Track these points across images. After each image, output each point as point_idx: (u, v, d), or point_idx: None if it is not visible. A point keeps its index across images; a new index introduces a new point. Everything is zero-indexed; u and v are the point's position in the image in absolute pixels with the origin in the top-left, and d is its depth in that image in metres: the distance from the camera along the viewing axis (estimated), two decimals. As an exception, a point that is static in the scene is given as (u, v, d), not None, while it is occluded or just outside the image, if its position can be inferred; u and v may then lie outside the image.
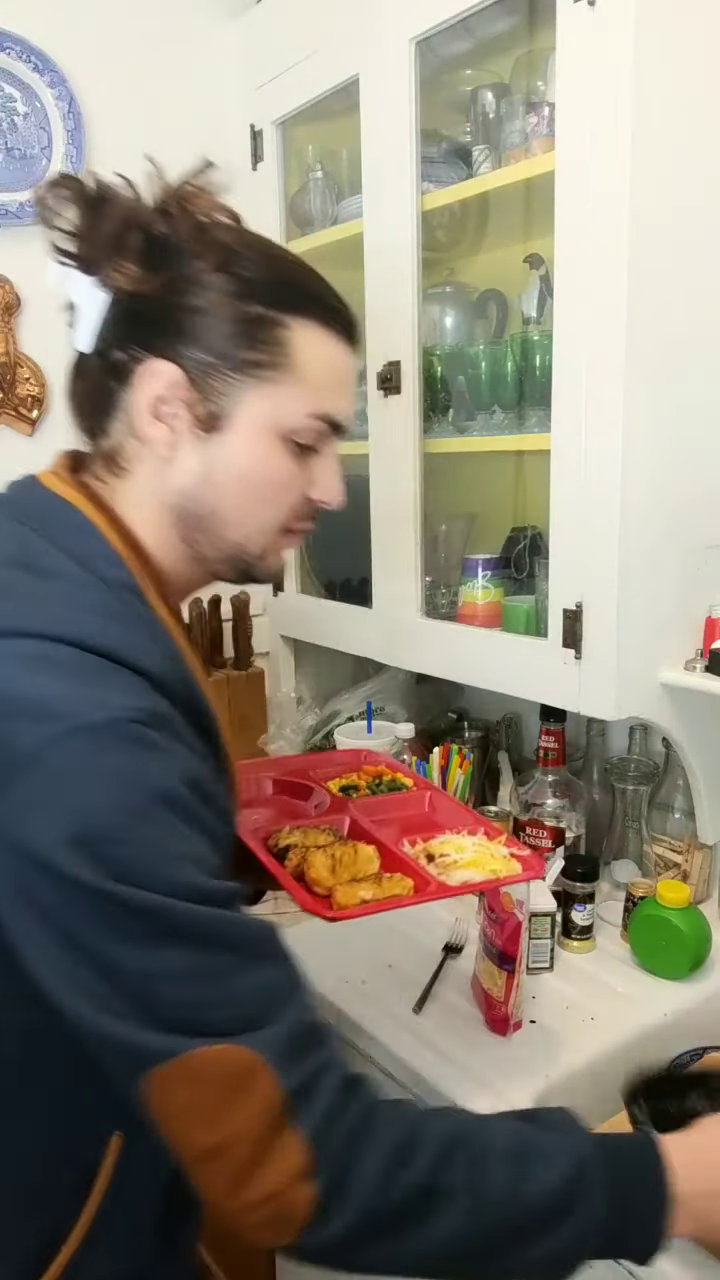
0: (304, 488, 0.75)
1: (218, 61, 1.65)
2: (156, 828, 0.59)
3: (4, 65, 1.44)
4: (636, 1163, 0.64)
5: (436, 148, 1.37)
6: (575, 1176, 0.61)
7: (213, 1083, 0.58)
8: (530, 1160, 0.61)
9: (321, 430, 0.74)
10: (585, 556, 1.14)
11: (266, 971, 0.62)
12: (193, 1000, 0.59)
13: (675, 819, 1.39)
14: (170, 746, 0.63)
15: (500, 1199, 0.60)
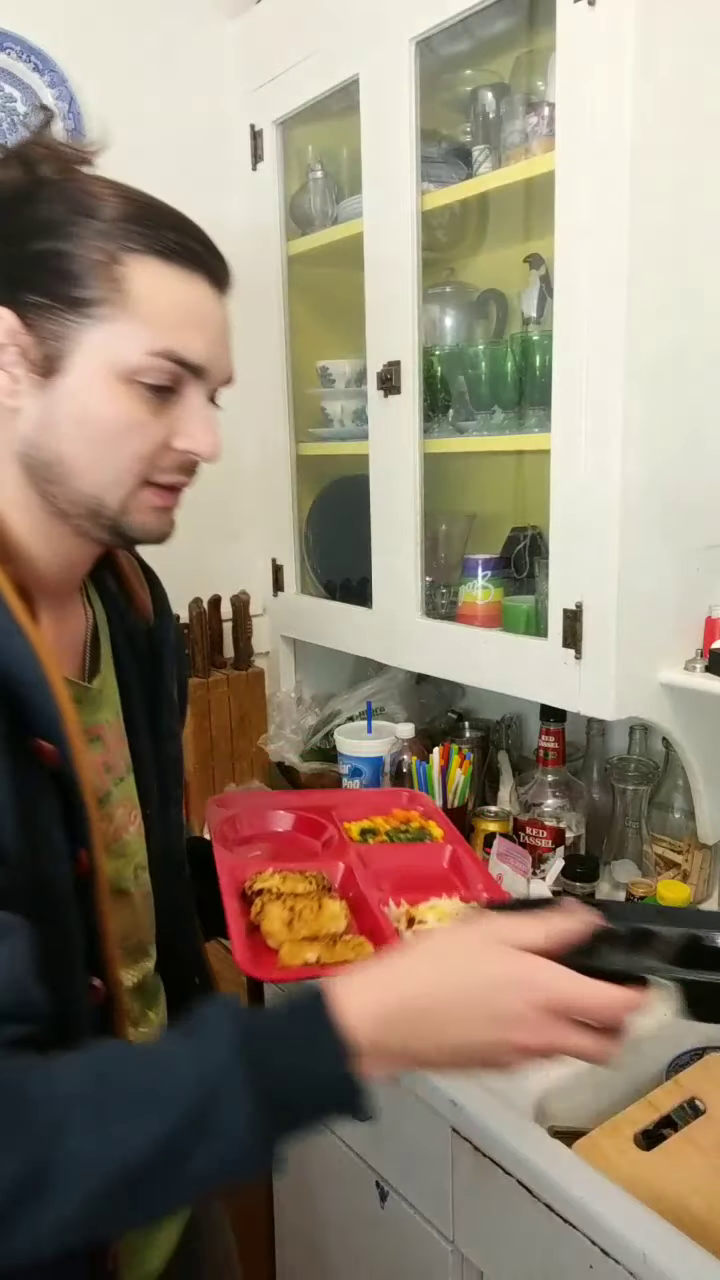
0: (164, 436, 0.70)
1: (218, 61, 1.65)
2: None
3: (4, 65, 1.44)
4: (294, 1039, 0.56)
5: (436, 148, 1.37)
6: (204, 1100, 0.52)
7: None
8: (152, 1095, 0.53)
9: (170, 370, 0.69)
10: (585, 556, 1.14)
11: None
12: None
13: (675, 819, 1.39)
14: None
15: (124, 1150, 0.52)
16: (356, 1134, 1.19)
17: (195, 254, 0.70)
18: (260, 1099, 0.53)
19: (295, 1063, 0.55)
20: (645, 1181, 0.91)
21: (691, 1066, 1.09)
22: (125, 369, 0.67)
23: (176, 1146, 0.52)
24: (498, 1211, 0.98)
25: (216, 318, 0.72)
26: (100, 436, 0.68)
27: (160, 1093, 0.53)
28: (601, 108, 1.03)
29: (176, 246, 0.69)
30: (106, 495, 0.70)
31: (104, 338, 0.67)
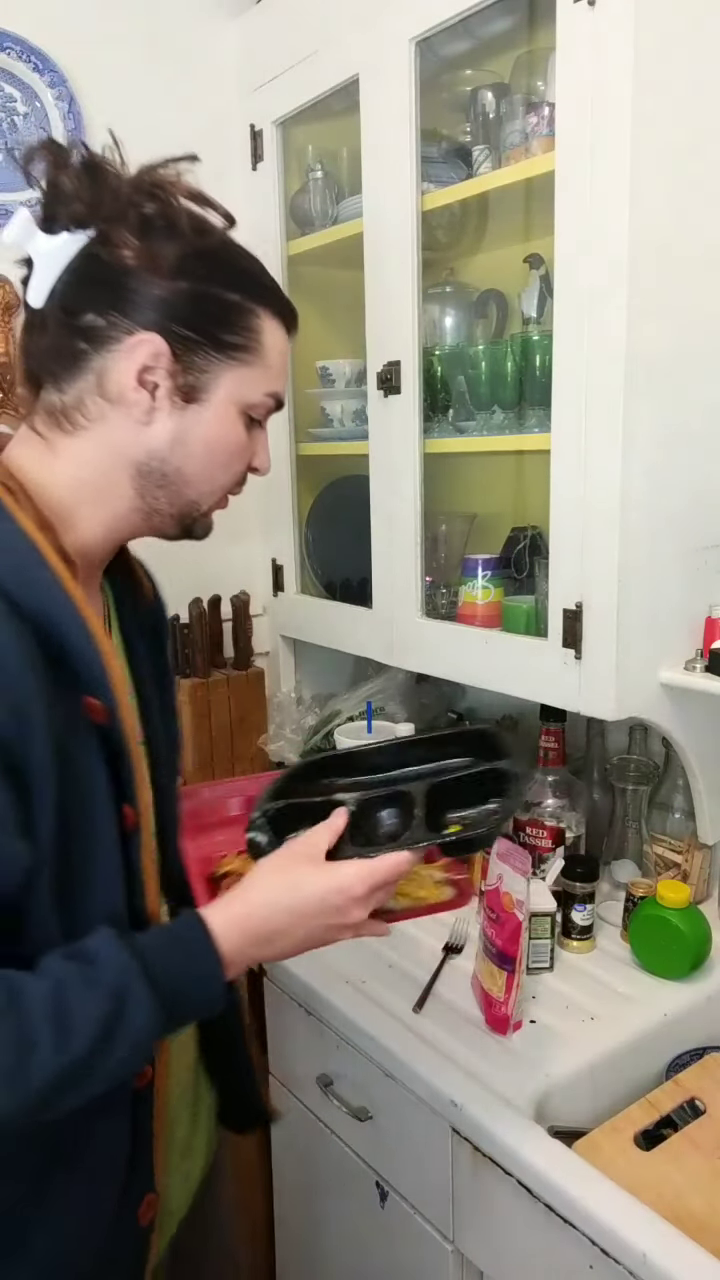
0: (248, 457, 0.85)
1: (218, 61, 1.65)
2: None
3: (4, 65, 1.44)
4: (184, 954, 0.72)
5: (436, 148, 1.37)
6: (113, 1012, 0.67)
7: None
8: (67, 1020, 0.65)
9: (271, 407, 0.84)
10: (585, 556, 1.14)
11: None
12: None
13: (675, 819, 1.39)
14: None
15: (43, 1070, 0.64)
16: (357, 1134, 1.19)
17: (294, 316, 0.85)
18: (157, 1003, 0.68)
19: (183, 976, 0.71)
20: (645, 1181, 0.91)
21: (691, 1066, 1.09)
22: (247, 404, 0.81)
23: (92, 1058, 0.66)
24: (498, 1211, 0.98)
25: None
26: (219, 458, 0.82)
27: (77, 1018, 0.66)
28: (601, 108, 1.03)
29: (287, 310, 0.84)
30: (202, 502, 0.83)
31: (239, 377, 0.80)
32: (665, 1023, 1.15)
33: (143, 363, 0.76)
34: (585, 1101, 1.06)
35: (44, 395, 0.79)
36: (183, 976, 0.71)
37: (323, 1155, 1.28)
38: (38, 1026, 0.64)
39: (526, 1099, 1.01)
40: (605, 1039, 1.11)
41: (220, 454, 0.81)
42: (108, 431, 0.78)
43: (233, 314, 0.78)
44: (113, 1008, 0.66)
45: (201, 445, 0.80)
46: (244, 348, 0.79)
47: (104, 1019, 0.66)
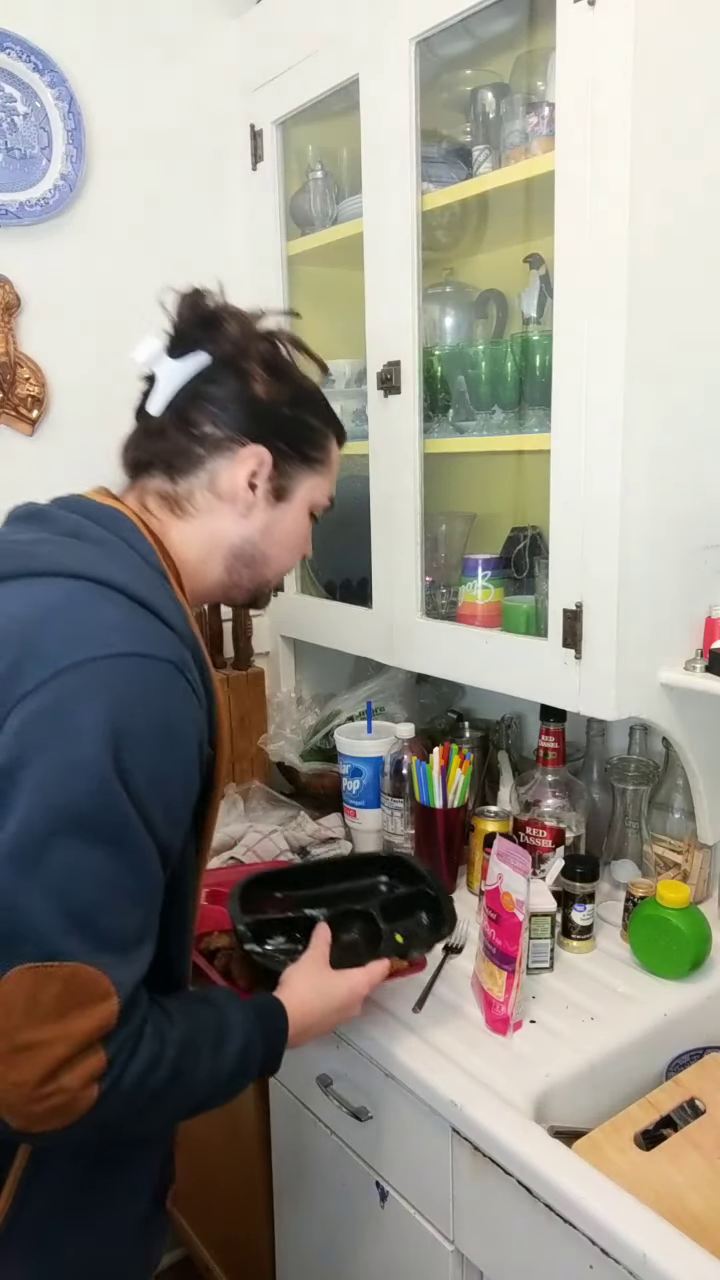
0: (308, 546, 1.05)
1: (218, 61, 1.65)
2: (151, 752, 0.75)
3: (4, 65, 1.44)
4: (275, 1027, 0.92)
5: (436, 148, 1.37)
6: (245, 1047, 0.86)
7: (70, 994, 0.71)
8: (223, 1046, 0.85)
9: (327, 507, 1.04)
10: (585, 556, 1.14)
11: (150, 914, 0.78)
12: (96, 906, 0.73)
13: (675, 819, 1.39)
14: (190, 698, 0.80)
15: (206, 1079, 0.83)
16: (357, 1134, 1.19)
17: (345, 435, 1.05)
18: (266, 1053, 0.90)
19: (274, 1038, 0.91)
20: (645, 1181, 0.91)
21: (691, 1066, 1.09)
22: (315, 505, 1.02)
23: (230, 1078, 0.86)
24: (498, 1211, 0.98)
25: None
26: (293, 544, 1.01)
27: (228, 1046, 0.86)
28: (601, 108, 1.03)
29: (343, 433, 1.04)
30: (274, 582, 1.03)
31: (313, 484, 1.00)
32: (665, 1023, 1.15)
33: (252, 469, 0.93)
34: (585, 1101, 1.06)
35: (153, 483, 0.94)
36: (271, 1047, 0.90)
37: (323, 1155, 1.28)
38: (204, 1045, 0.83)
39: (526, 1099, 1.01)
40: (605, 1039, 1.11)
41: (293, 542, 1.01)
42: (213, 520, 0.94)
43: (316, 436, 0.99)
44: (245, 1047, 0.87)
45: (283, 534, 0.99)
46: (320, 460, 1.00)
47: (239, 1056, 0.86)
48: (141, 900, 0.77)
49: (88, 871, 0.72)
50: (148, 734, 0.75)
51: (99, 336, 1.56)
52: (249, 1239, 1.50)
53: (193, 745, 0.80)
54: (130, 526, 0.88)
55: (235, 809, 1.64)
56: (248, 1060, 0.86)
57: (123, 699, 0.74)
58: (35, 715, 0.72)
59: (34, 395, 1.51)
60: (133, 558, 0.85)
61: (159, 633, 0.79)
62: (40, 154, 1.49)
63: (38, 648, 0.74)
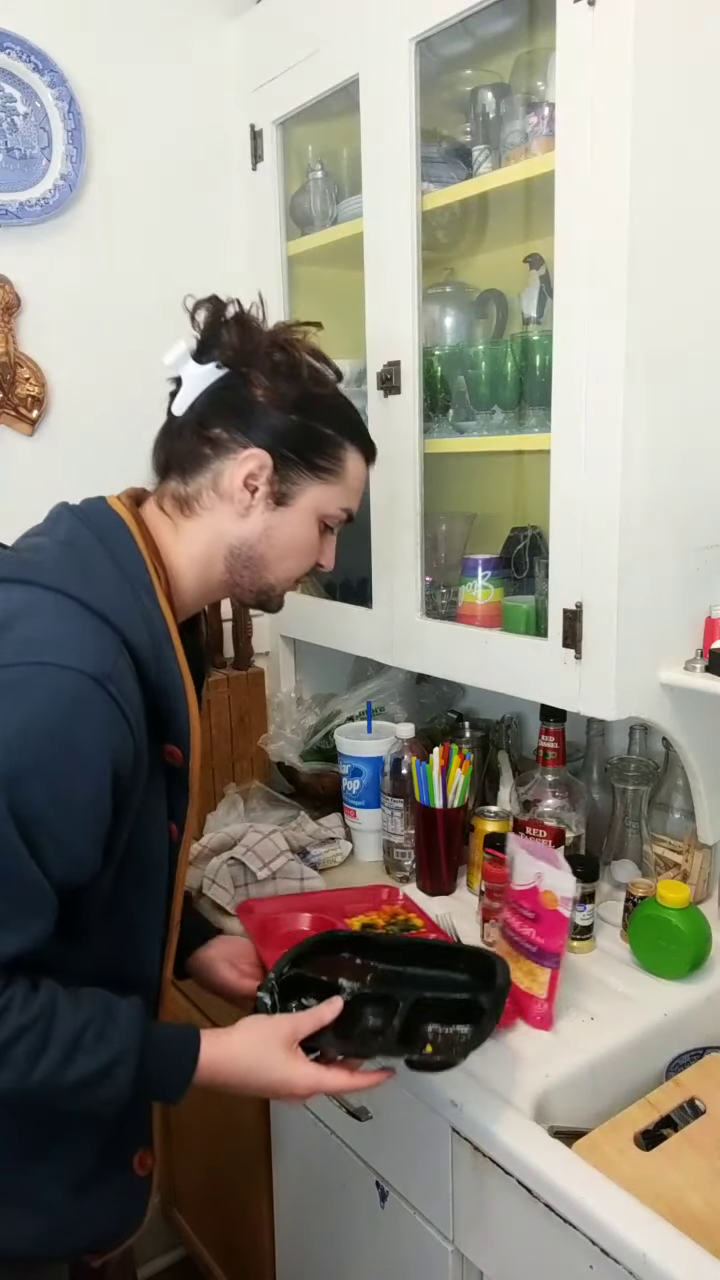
0: (317, 556, 1.04)
1: (218, 61, 1.65)
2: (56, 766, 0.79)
3: (4, 65, 1.44)
4: (173, 1059, 0.89)
5: (436, 148, 1.37)
6: (107, 1067, 0.84)
7: None
8: (77, 1052, 0.83)
9: (343, 519, 1.04)
10: (585, 556, 1.14)
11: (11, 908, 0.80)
12: None
13: (675, 819, 1.39)
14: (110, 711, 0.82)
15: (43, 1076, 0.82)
16: (357, 1134, 1.19)
17: (374, 451, 1.05)
18: (145, 1077, 0.87)
19: (165, 1067, 0.89)
20: (645, 1181, 0.91)
21: (691, 1066, 1.09)
22: (324, 515, 1.01)
23: (75, 1089, 0.84)
24: (498, 1211, 0.98)
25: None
26: (295, 552, 1.01)
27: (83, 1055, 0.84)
28: (601, 108, 1.03)
29: (370, 448, 1.04)
30: (278, 586, 1.03)
31: (320, 493, 1.00)
32: (665, 1023, 1.15)
33: (250, 470, 0.95)
34: (585, 1101, 1.06)
35: (170, 484, 0.99)
36: (162, 1074, 0.89)
37: (323, 1155, 1.28)
38: (51, 1047, 0.82)
39: (526, 1099, 1.01)
40: (605, 1039, 1.11)
41: (296, 548, 1.01)
42: (215, 519, 0.98)
43: (326, 445, 0.99)
44: (105, 1066, 0.84)
45: (285, 539, 0.99)
46: (330, 470, 0.99)
47: (96, 1070, 0.84)
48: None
49: None
50: (39, 741, 0.78)
51: (99, 336, 1.56)
52: (249, 1239, 1.50)
53: (97, 757, 0.81)
54: (124, 536, 0.92)
55: (235, 809, 1.64)
56: (106, 1076, 0.84)
57: (18, 706, 0.78)
58: None
59: (34, 395, 1.51)
60: (109, 570, 0.89)
61: (99, 646, 0.83)
62: (40, 154, 1.49)
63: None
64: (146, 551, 0.93)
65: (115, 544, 0.91)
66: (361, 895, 1.38)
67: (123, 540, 0.92)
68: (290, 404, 0.97)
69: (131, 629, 0.86)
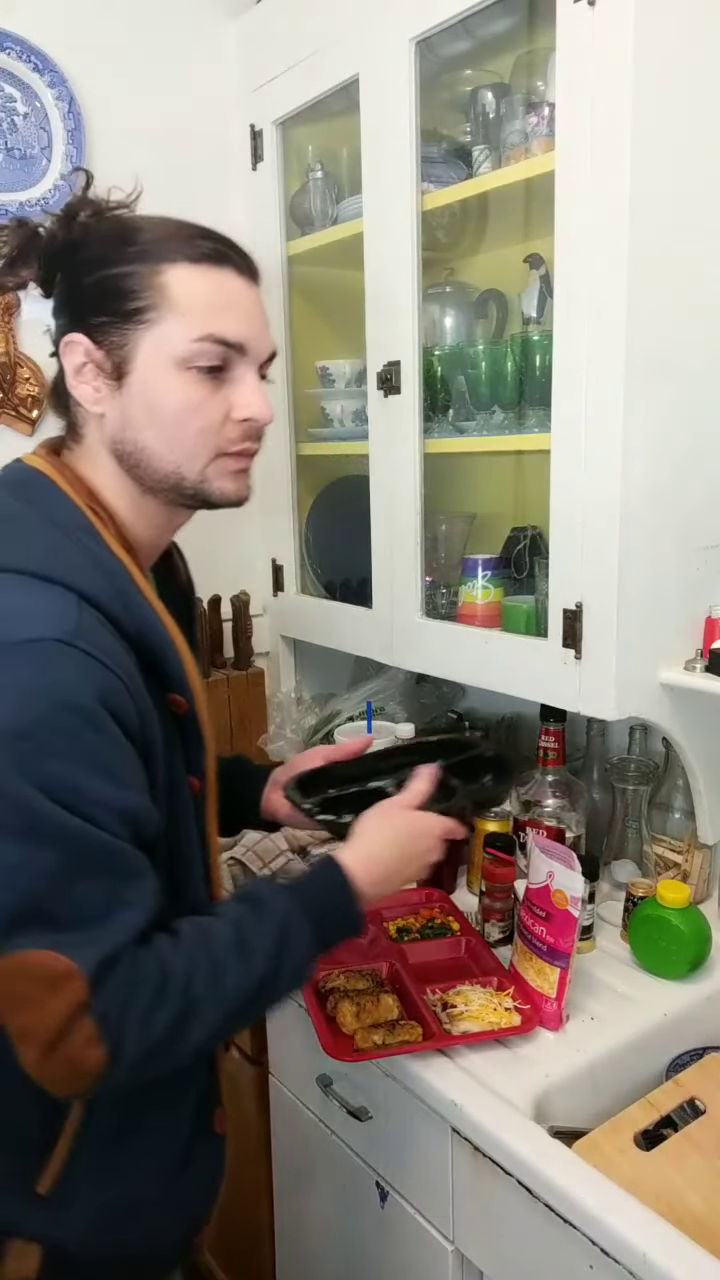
0: (223, 410, 0.85)
1: (218, 61, 1.65)
2: (59, 735, 0.73)
3: (4, 65, 1.44)
4: (328, 891, 0.89)
5: (436, 148, 1.37)
6: (281, 939, 0.83)
7: (31, 981, 0.72)
8: (247, 948, 0.81)
9: (216, 351, 0.83)
10: (585, 556, 1.14)
11: (106, 887, 0.75)
12: (38, 899, 0.72)
13: (675, 819, 1.39)
14: (90, 664, 0.75)
15: (235, 989, 0.80)
16: (356, 1134, 1.19)
17: (220, 252, 0.84)
18: (319, 923, 0.86)
19: (331, 908, 0.88)
20: (645, 1181, 0.91)
21: (691, 1066, 1.09)
22: (178, 358, 0.82)
23: (269, 977, 0.82)
24: (498, 1211, 0.98)
25: (248, 301, 0.86)
26: (169, 420, 0.83)
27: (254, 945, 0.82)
28: (601, 108, 1.03)
29: (204, 249, 0.84)
30: (184, 469, 0.85)
31: (156, 336, 0.82)
32: (665, 1023, 1.15)
33: (75, 361, 0.84)
34: (585, 1101, 1.06)
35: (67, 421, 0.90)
36: (331, 911, 0.88)
37: (323, 1155, 1.28)
38: (225, 956, 0.80)
39: (526, 1099, 1.01)
40: (605, 1039, 1.11)
41: (168, 416, 0.83)
42: (91, 433, 0.87)
43: (126, 281, 0.81)
44: (280, 937, 0.82)
45: (144, 415, 0.83)
46: (148, 307, 0.81)
47: (274, 948, 0.82)
48: (94, 874, 0.74)
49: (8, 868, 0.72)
50: (32, 726, 0.72)
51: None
52: (249, 1239, 1.50)
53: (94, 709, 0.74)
54: (47, 487, 0.84)
55: (235, 809, 1.64)
56: (285, 948, 0.82)
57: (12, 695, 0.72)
58: None
59: (34, 395, 1.52)
60: (41, 528, 0.81)
61: (54, 609, 0.75)
62: (40, 154, 1.49)
63: None
64: (79, 496, 0.84)
65: (38, 498, 0.83)
66: (398, 898, 1.37)
67: (45, 490, 0.83)
68: (81, 269, 0.84)
69: (86, 582, 0.78)
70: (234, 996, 0.80)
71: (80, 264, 0.84)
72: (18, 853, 0.72)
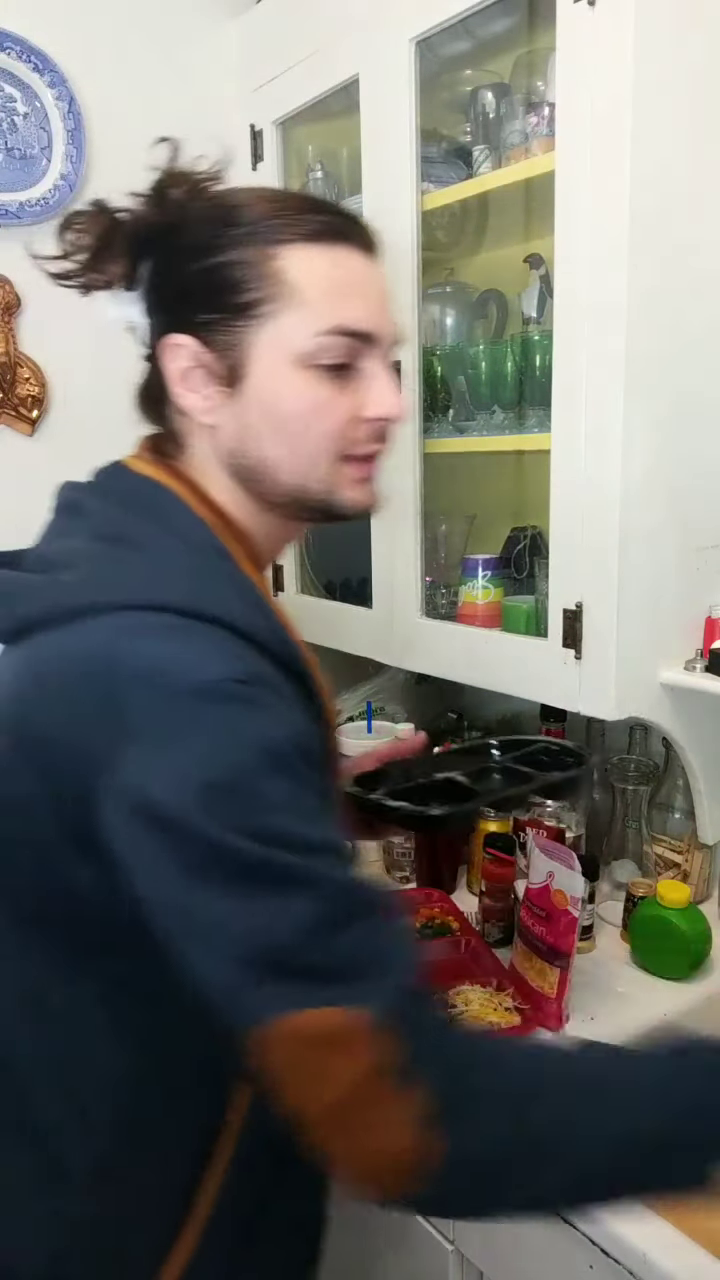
0: (351, 409, 0.74)
1: (218, 61, 1.64)
2: (266, 782, 0.61)
3: (4, 65, 1.44)
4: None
5: (436, 148, 1.37)
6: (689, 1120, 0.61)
7: (323, 1041, 0.58)
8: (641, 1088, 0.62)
9: (343, 345, 0.72)
10: (585, 556, 1.14)
11: (372, 928, 0.62)
12: (300, 954, 0.60)
13: (675, 819, 1.39)
14: (272, 703, 0.65)
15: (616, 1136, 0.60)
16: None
17: (338, 227, 0.73)
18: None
19: None
20: (645, 1181, 0.91)
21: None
22: (301, 355, 0.71)
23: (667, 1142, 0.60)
24: (498, 1211, 0.98)
25: (373, 282, 0.77)
26: (292, 427, 0.73)
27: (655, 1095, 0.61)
28: (601, 108, 1.03)
29: (320, 226, 0.72)
30: (309, 481, 0.75)
31: (274, 332, 0.71)
32: (665, 1023, 1.15)
33: (180, 366, 0.73)
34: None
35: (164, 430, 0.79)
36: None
37: (323, 1155, 1.28)
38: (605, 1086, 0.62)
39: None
40: (605, 1039, 1.10)
41: (290, 422, 0.72)
42: (200, 446, 0.76)
43: (239, 270, 0.70)
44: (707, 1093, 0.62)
45: (264, 423, 0.73)
46: (264, 299, 0.70)
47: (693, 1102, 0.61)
48: (351, 916, 0.61)
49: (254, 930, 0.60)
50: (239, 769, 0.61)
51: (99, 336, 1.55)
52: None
53: (292, 751, 0.64)
54: (172, 503, 0.73)
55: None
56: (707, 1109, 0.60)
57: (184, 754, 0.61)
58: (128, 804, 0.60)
59: (34, 395, 1.51)
60: (181, 554, 0.71)
61: (208, 649, 0.64)
62: (40, 154, 1.49)
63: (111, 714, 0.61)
64: (206, 513, 0.74)
65: (164, 514, 0.73)
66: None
67: (170, 506, 0.73)
68: (179, 257, 0.73)
69: (239, 614, 0.67)
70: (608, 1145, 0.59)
71: (177, 251, 0.73)
72: (260, 910, 0.60)
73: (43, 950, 0.70)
